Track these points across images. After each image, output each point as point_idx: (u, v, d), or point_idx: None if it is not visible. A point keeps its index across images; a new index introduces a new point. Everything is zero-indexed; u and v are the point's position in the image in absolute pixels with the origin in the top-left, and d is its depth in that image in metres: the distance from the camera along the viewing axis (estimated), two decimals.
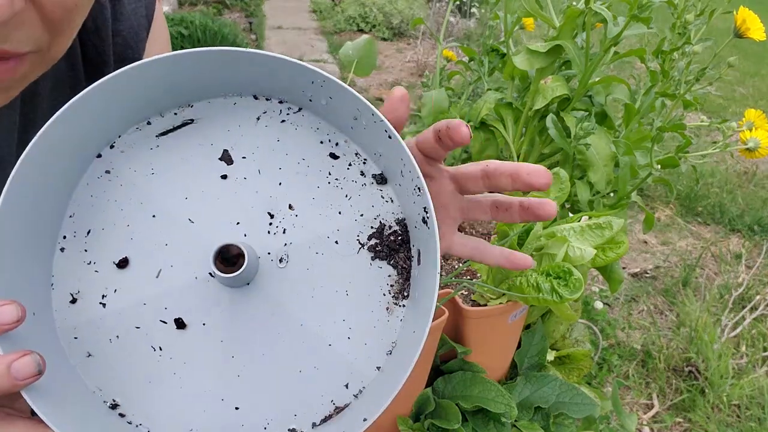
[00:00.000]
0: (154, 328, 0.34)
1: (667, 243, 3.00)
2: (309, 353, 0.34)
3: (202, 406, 0.33)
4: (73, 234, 0.34)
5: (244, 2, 6.02)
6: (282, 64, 0.32)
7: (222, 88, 0.36)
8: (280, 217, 0.36)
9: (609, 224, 0.58)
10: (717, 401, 2.02)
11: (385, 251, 0.36)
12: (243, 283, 0.34)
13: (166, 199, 0.35)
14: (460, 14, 5.54)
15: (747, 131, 0.64)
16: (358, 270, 0.36)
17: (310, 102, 0.36)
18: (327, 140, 0.37)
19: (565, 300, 0.54)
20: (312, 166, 0.36)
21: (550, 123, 0.69)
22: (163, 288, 0.34)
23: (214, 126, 0.36)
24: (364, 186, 0.36)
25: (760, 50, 6.29)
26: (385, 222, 0.36)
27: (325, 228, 0.36)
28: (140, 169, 0.35)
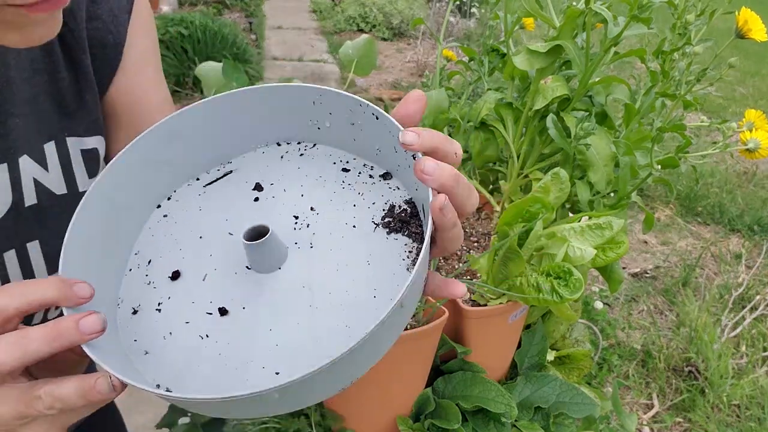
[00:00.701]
0: (201, 320, 0.39)
1: (667, 243, 3.00)
2: (339, 315, 0.38)
3: (246, 376, 0.37)
4: (137, 266, 0.43)
5: (244, 2, 6.02)
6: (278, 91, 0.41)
7: (252, 142, 0.46)
8: (303, 217, 0.42)
9: (609, 224, 0.58)
10: (717, 401, 2.02)
11: (398, 225, 0.41)
12: (274, 267, 0.40)
13: (211, 223, 0.43)
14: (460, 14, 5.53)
15: (747, 132, 0.64)
16: (376, 244, 0.40)
17: (318, 131, 0.44)
18: (339, 161, 0.45)
19: (565, 300, 0.54)
20: (328, 180, 0.44)
21: (550, 123, 0.69)
22: (209, 287, 0.41)
23: (248, 170, 0.46)
24: (374, 184, 0.43)
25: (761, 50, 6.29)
26: (395, 203, 0.42)
27: (343, 218, 0.42)
28: (190, 209, 0.45)
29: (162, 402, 0.41)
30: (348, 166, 0.44)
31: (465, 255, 0.73)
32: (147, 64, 0.63)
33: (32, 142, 0.54)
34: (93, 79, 0.58)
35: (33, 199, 0.55)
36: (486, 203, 0.82)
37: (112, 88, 0.60)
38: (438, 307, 0.59)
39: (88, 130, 0.58)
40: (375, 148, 0.43)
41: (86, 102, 0.58)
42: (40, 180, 0.55)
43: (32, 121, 0.53)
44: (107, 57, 0.58)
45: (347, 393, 0.62)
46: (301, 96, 0.42)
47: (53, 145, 0.55)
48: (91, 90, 0.58)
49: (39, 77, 0.53)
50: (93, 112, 0.58)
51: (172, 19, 4.00)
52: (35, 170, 0.54)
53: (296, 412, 0.64)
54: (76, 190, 0.58)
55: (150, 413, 1.75)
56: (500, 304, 0.62)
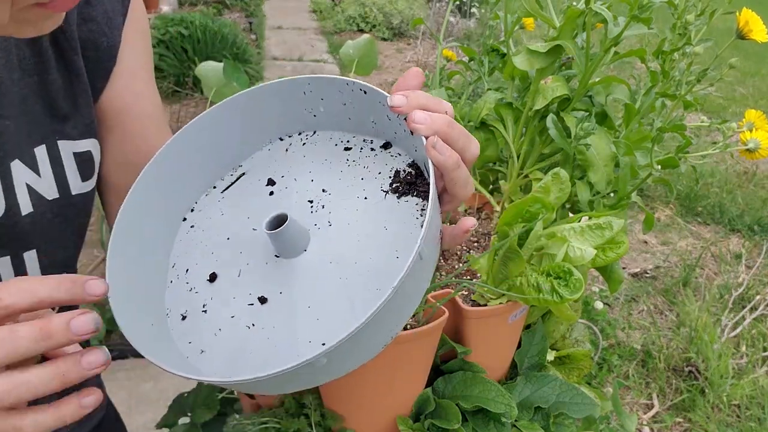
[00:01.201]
0: (244, 311, 0.42)
1: (667, 243, 3.00)
2: (368, 281, 0.40)
3: (296, 352, 0.39)
4: (177, 277, 0.46)
5: (244, 2, 6.02)
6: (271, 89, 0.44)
7: (257, 142, 0.49)
8: (317, 200, 0.45)
9: (609, 224, 0.58)
10: (717, 401, 2.02)
11: (405, 188, 0.43)
12: (300, 250, 0.42)
13: (235, 224, 0.46)
14: (460, 14, 5.53)
15: (747, 132, 0.64)
16: (389, 209, 0.43)
17: (315, 118, 0.46)
18: (340, 142, 0.47)
19: (565, 300, 0.54)
20: (334, 161, 0.46)
21: (550, 123, 0.69)
22: (245, 281, 0.43)
23: (258, 168, 0.49)
24: (377, 155, 0.46)
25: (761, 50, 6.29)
26: (399, 168, 0.44)
27: (354, 192, 0.44)
28: (214, 216, 0.48)
29: (161, 402, 0.42)
30: (349, 145, 0.47)
31: (465, 255, 0.73)
32: (141, 68, 0.63)
33: (23, 146, 0.53)
34: (86, 82, 0.57)
35: (29, 208, 0.53)
36: (486, 203, 0.82)
37: (106, 92, 0.60)
38: (438, 307, 0.59)
39: (82, 133, 0.57)
40: (370, 122, 0.45)
41: (79, 105, 0.57)
42: (34, 186, 0.54)
43: (22, 123, 0.52)
44: (101, 60, 0.58)
45: (347, 393, 0.62)
46: (292, 89, 0.45)
47: (44, 149, 0.54)
48: (84, 93, 0.57)
49: (29, 78, 0.52)
50: (86, 115, 0.57)
51: (172, 19, 4.00)
52: (28, 176, 0.53)
53: (296, 412, 0.64)
54: (69, 194, 0.57)
55: (150, 413, 1.75)
56: (500, 304, 0.62)
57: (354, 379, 0.60)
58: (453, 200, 0.43)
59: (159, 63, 3.87)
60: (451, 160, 0.39)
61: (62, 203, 0.56)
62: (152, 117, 0.64)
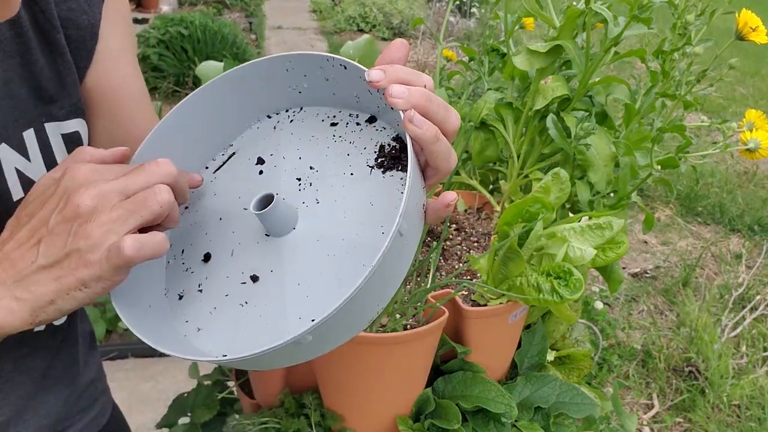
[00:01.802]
0: (237, 290, 0.44)
1: (667, 243, 3.00)
2: (355, 257, 0.41)
3: (286, 329, 0.40)
4: (174, 257, 0.47)
5: (244, 2, 6.02)
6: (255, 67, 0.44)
7: (246, 121, 0.49)
8: (305, 177, 0.46)
9: (609, 224, 0.58)
10: (717, 401, 2.02)
11: (390, 163, 0.44)
12: (289, 228, 0.43)
13: (227, 204, 0.47)
14: (460, 14, 5.53)
15: (747, 132, 0.64)
16: (375, 185, 0.44)
17: (300, 94, 0.47)
18: (326, 117, 0.48)
19: (565, 300, 0.54)
20: (320, 137, 0.47)
21: (550, 123, 0.69)
22: (238, 261, 0.45)
23: (248, 147, 0.49)
24: (362, 130, 0.46)
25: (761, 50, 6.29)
26: (384, 143, 0.45)
27: (340, 169, 0.45)
28: (206, 196, 0.49)
29: (161, 402, 0.43)
30: (335, 120, 0.47)
31: (465, 255, 0.73)
32: (125, 51, 0.63)
33: (9, 129, 0.52)
34: (71, 60, 0.56)
35: (20, 193, 0.54)
36: (486, 203, 0.82)
37: (90, 74, 0.59)
38: (438, 307, 0.59)
39: (69, 113, 0.57)
40: (354, 96, 0.45)
41: (65, 84, 0.56)
42: (23, 171, 0.54)
43: (7, 107, 0.52)
44: (84, 38, 0.57)
45: (347, 393, 0.62)
46: (274, 66, 0.45)
47: (32, 133, 0.54)
48: (69, 72, 0.57)
49: (11, 60, 0.52)
50: (73, 94, 0.57)
51: (172, 19, 4.00)
52: (17, 160, 0.53)
53: (296, 412, 0.64)
54: None
55: (150, 413, 1.75)
56: (500, 304, 0.62)
57: (354, 379, 0.60)
58: (437, 174, 0.42)
59: (159, 63, 3.87)
60: (429, 133, 0.39)
61: None
62: (140, 100, 0.65)
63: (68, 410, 0.68)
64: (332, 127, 0.47)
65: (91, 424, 0.72)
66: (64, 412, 0.67)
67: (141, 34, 3.96)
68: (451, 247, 0.74)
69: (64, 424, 0.68)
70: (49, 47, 0.55)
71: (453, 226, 0.78)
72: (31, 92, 0.54)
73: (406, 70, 0.40)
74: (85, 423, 0.71)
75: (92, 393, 0.73)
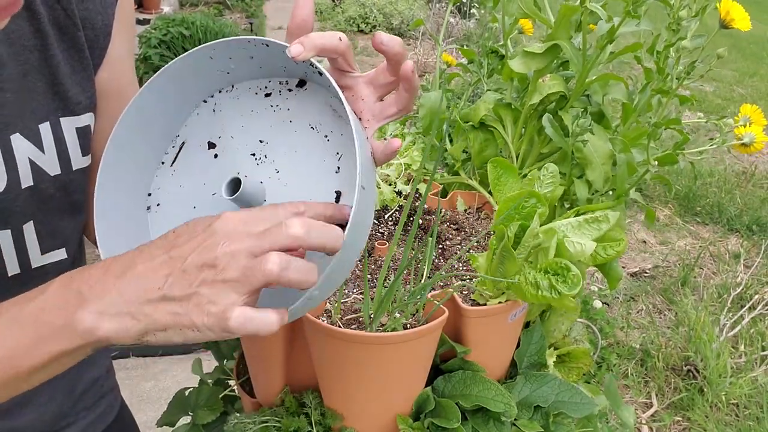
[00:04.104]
0: None
1: (665, 243, 3.00)
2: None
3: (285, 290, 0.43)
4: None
5: (245, 3, 6.02)
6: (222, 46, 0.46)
7: (184, 110, 0.52)
8: (259, 152, 0.49)
9: (606, 217, 0.58)
10: (715, 400, 2.03)
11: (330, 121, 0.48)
12: (260, 202, 0.46)
13: (195, 193, 0.50)
14: (459, 15, 5.54)
15: (742, 127, 0.65)
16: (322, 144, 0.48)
17: (228, 75, 0.50)
18: (259, 90, 0.51)
19: (564, 296, 0.54)
20: (259, 110, 0.50)
21: (546, 121, 0.69)
22: None
23: (194, 135, 0.52)
24: (295, 95, 0.50)
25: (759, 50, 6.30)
26: (320, 102, 0.48)
27: (289, 137, 0.49)
28: (173, 190, 0.52)
29: (163, 401, 0.44)
30: (268, 90, 0.50)
31: (465, 255, 0.73)
32: (130, 54, 0.66)
33: (25, 121, 0.54)
34: (88, 57, 0.59)
35: (29, 181, 0.55)
36: (486, 203, 0.82)
37: (101, 72, 0.61)
38: (438, 306, 0.60)
39: (84, 107, 0.59)
40: (280, 66, 0.48)
41: (82, 80, 0.59)
42: (36, 161, 0.56)
43: (23, 99, 0.54)
44: (97, 38, 0.60)
45: (347, 392, 0.63)
46: (198, 58, 0.47)
47: (48, 126, 0.56)
48: (87, 67, 0.59)
49: (29, 54, 0.54)
50: (88, 89, 0.59)
51: (173, 19, 4.00)
52: (30, 150, 0.55)
53: (296, 410, 0.65)
54: (70, 170, 0.59)
55: (151, 412, 1.75)
56: (500, 303, 0.63)
57: (354, 378, 0.61)
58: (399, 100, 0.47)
59: (160, 63, 3.87)
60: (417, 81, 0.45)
61: (63, 179, 0.58)
62: None
63: (70, 407, 0.69)
64: (267, 98, 0.50)
65: (96, 421, 0.73)
66: (65, 408, 0.68)
67: (142, 35, 3.96)
68: (451, 247, 0.74)
69: (67, 420, 0.69)
70: (69, 44, 0.57)
71: (453, 225, 0.79)
72: (48, 86, 0.56)
73: (319, 36, 0.44)
74: (89, 420, 0.72)
75: (97, 391, 0.73)
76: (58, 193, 0.58)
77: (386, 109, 0.48)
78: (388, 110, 0.48)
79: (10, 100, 0.53)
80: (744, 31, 0.64)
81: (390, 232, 0.77)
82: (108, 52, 0.61)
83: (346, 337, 0.56)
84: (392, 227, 0.78)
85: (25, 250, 0.57)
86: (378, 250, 0.71)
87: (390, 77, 0.47)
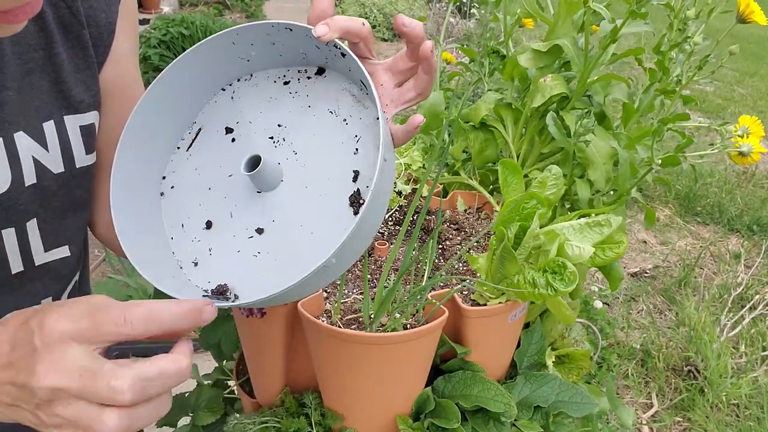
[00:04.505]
0: (247, 244, 0.47)
1: (666, 243, 3.00)
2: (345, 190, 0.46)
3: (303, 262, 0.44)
4: (176, 233, 0.50)
5: (245, 3, 6.02)
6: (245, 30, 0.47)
7: (202, 97, 0.52)
8: (277, 134, 0.50)
9: (607, 222, 0.58)
10: (716, 400, 2.03)
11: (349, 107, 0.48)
12: (277, 182, 0.47)
13: (211, 175, 0.50)
14: (459, 15, 5.54)
15: (740, 138, 0.65)
16: (342, 127, 0.48)
17: (248, 63, 0.50)
18: (278, 78, 0.51)
19: (559, 293, 0.54)
20: (278, 97, 0.51)
21: (550, 120, 0.69)
22: (238, 220, 0.48)
23: (212, 121, 0.52)
24: (314, 82, 0.50)
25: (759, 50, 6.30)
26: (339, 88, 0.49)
27: (307, 120, 0.49)
28: (188, 173, 0.52)
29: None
30: (287, 78, 0.51)
31: (465, 255, 0.73)
32: (134, 52, 0.66)
33: (29, 119, 0.54)
34: (93, 55, 0.59)
35: (33, 179, 0.55)
36: (486, 203, 0.82)
37: (106, 69, 0.61)
38: (438, 306, 0.59)
39: (88, 105, 0.59)
40: (300, 53, 0.49)
41: (86, 78, 0.59)
42: (40, 159, 0.56)
43: (27, 97, 0.54)
44: (102, 36, 0.60)
45: (347, 392, 0.62)
46: (221, 43, 0.48)
47: (52, 125, 0.56)
48: (91, 65, 0.59)
49: (33, 53, 0.54)
50: (92, 87, 0.59)
51: (173, 19, 4.00)
52: (34, 149, 0.55)
53: (296, 411, 0.65)
54: (73, 168, 0.59)
55: None
56: (500, 303, 0.62)
57: (354, 379, 0.61)
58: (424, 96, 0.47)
59: (160, 63, 3.87)
60: (418, 27, 0.45)
61: (66, 176, 0.58)
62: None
63: None
64: (286, 86, 0.51)
65: None
66: None
67: (142, 35, 3.96)
68: (451, 247, 0.74)
69: None
70: (73, 42, 0.57)
71: (453, 225, 0.79)
72: (53, 84, 0.56)
73: (344, 19, 0.44)
74: None
75: None
76: (61, 190, 0.58)
77: (405, 94, 0.48)
78: (407, 95, 0.48)
79: (14, 98, 0.53)
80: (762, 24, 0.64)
81: (390, 233, 0.77)
82: (112, 50, 0.61)
83: (346, 338, 0.56)
84: (392, 227, 0.78)
85: (29, 247, 0.57)
86: (378, 251, 0.71)
87: (409, 63, 0.47)
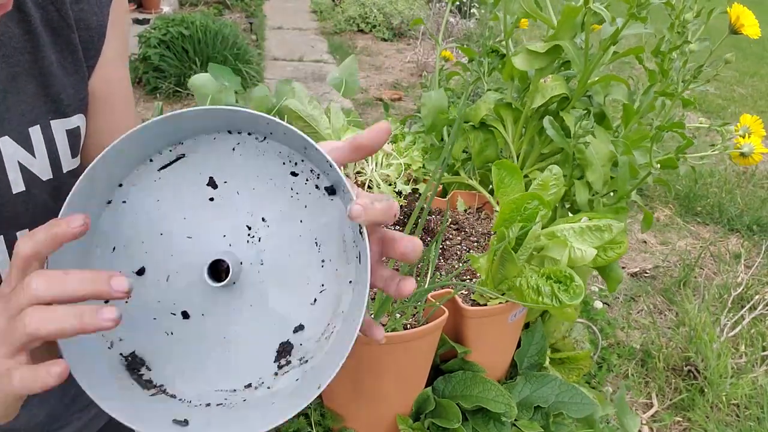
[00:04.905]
0: (166, 319, 0.43)
1: (666, 243, 3.00)
2: (277, 330, 0.44)
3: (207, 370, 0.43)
4: (102, 250, 0.44)
5: (245, 3, 6.02)
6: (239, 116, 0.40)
7: (206, 128, 0.44)
8: (255, 228, 0.44)
9: (609, 227, 0.58)
10: (716, 400, 2.03)
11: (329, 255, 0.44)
12: (230, 283, 0.42)
13: (170, 220, 0.44)
14: (459, 14, 5.54)
15: (741, 138, 0.65)
16: (317, 264, 0.44)
17: (272, 134, 0.44)
18: (288, 161, 0.45)
19: (564, 306, 0.54)
20: (278, 185, 0.45)
21: (547, 123, 0.69)
22: (171, 288, 0.43)
23: (200, 157, 0.45)
24: (319, 198, 0.45)
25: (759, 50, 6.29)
26: (335, 226, 0.44)
27: (292, 233, 0.44)
28: (149, 198, 0.45)
29: None
30: (296, 170, 0.45)
31: (465, 255, 0.73)
32: (123, 55, 0.65)
33: (14, 123, 0.53)
34: (81, 58, 0.58)
35: (21, 186, 0.54)
36: (486, 203, 0.82)
37: (96, 72, 0.61)
38: (438, 306, 0.59)
39: (75, 109, 0.58)
40: (326, 162, 0.42)
41: (75, 81, 0.58)
42: (28, 166, 0.55)
43: (13, 102, 0.53)
44: (92, 39, 0.59)
45: (347, 392, 0.62)
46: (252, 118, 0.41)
47: (38, 130, 0.55)
48: (80, 68, 0.58)
49: (19, 56, 0.53)
50: (80, 90, 0.59)
51: (173, 19, 4.00)
52: (20, 154, 0.54)
53: None
54: (61, 174, 0.58)
55: None
56: (500, 303, 0.62)
57: (354, 379, 0.61)
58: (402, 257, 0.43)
59: (160, 63, 3.87)
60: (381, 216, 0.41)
61: (55, 183, 0.58)
62: (130, 104, 0.67)
63: (63, 409, 0.69)
64: (292, 177, 0.44)
65: (90, 423, 0.73)
66: (58, 410, 0.68)
67: (142, 35, 3.96)
68: (451, 247, 0.74)
69: (60, 422, 0.68)
70: (62, 45, 0.56)
71: (453, 225, 0.79)
72: (40, 89, 0.55)
73: (381, 209, 0.40)
74: (83, 422, 0.71)
75: None
76: (50, 198, 0.58)
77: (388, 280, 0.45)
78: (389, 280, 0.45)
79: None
80: (753, 38, 0.64)
81: None
82: (103, 52, 0.60)
83: None
84: (391, 227, 0.78)
85: None
86: None
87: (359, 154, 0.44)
